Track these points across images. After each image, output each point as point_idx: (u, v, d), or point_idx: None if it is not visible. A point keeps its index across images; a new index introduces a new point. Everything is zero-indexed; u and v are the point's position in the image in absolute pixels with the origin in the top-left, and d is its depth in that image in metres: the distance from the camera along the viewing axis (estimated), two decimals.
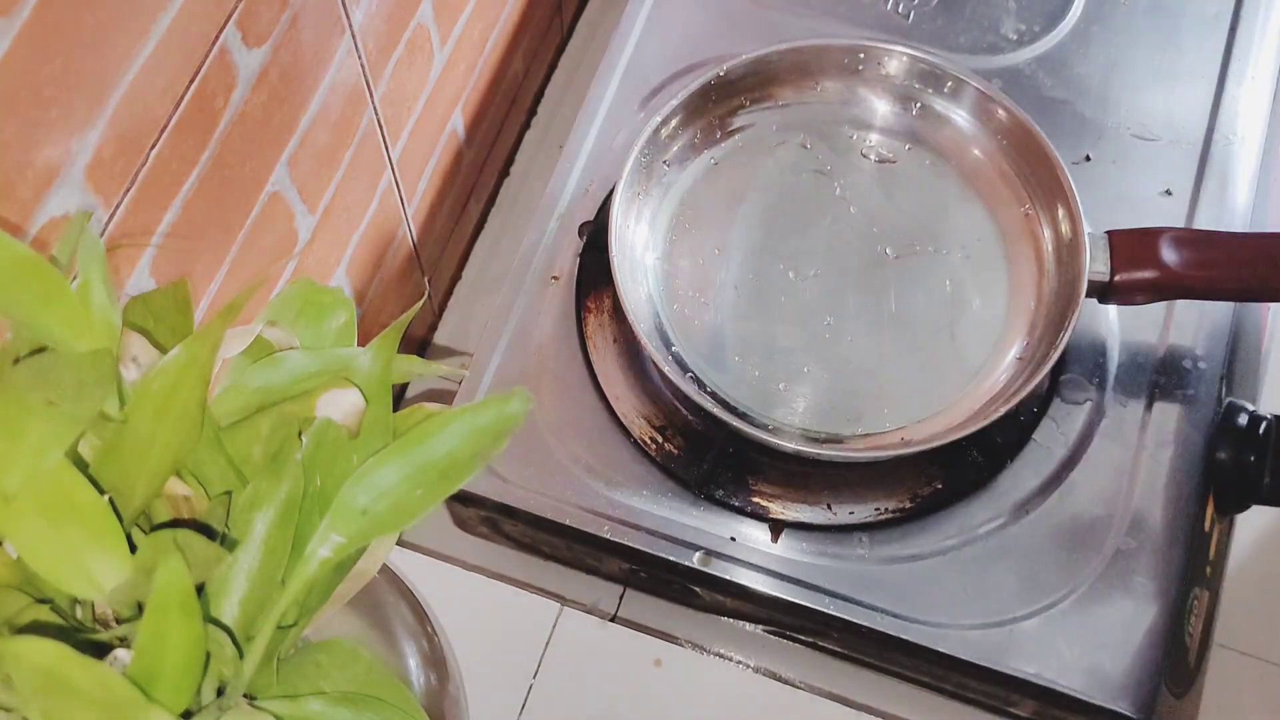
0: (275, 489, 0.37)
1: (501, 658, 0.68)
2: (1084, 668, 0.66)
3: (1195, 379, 0.74)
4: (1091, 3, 0.87)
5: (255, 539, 0.37)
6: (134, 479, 0.35)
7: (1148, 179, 0.81)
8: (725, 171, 0.79)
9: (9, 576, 0.36)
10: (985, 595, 0.68)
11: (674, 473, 0.72)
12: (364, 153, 0.74)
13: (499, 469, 0.72)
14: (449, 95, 0.86)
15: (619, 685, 0.67)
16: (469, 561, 0.74)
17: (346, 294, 0.54)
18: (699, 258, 0.76)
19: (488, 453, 0.37)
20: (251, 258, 0.64)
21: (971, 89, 0.77)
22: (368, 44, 0.70)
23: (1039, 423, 0.73)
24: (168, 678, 0.33)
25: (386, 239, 0.83)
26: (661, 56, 0.85)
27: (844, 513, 0.71)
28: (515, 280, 0.78)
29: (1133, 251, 0.69)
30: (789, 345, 0.73)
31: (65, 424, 0.32)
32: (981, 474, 0.71)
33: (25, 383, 0.33)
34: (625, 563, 0.74)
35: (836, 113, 0.81)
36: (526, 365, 0.75)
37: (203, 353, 0.35)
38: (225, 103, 0.57)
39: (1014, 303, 0.74)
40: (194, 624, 0.33)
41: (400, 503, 0.36)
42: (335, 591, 0.39)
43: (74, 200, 0.49)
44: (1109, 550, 0.69)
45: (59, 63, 0.45)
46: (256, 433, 0.39)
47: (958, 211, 0.77)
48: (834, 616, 0.68)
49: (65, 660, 0.31)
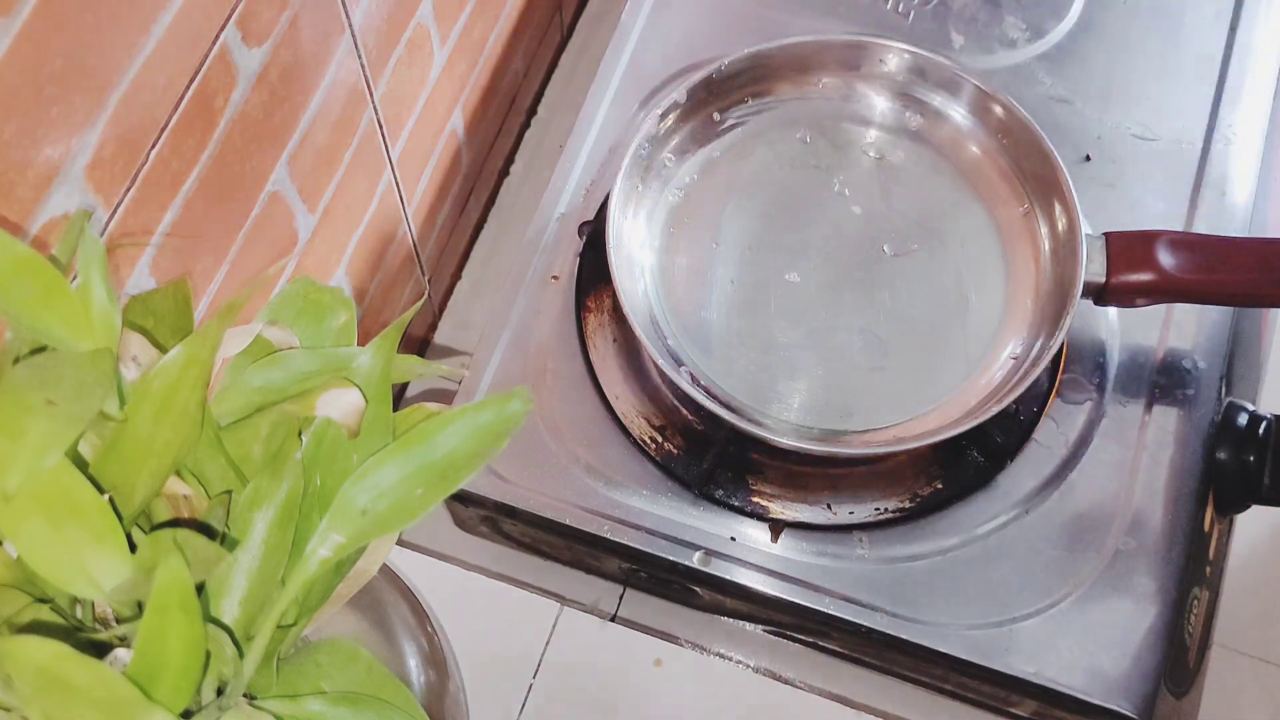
0: (275, 489, 0.37)
1: (501, 658, 0.68)
2: (1084, 668, 0.66)
3: (1195, 379, 0.74)
4: (1091, 3, 0.87)
5: (255, 539, 0.37)
6: (134, 479, 0.35)
7: (1147, 179, 0.80)
8: (724, 167, 0.79)
9: (9, 576, 0.36)
10: (985, 595, 0.68)
11: (674, 472, 0.72)
12: (364, 152, 0.74)
13: (499, 469, 0.72)
14: (449, 95, 0.86)
15: (619, 685, 0.67)
16: (469, 561, 0.74)
17: (346, 294, 0.54)
18: (696, 253, 0.76)
19: (488, 453, 0.37)
20: (251, 258, 0.64)
21: (971, 87, 0.77)
22: (368, 44, 0.70)
23: (1039, 422, 0.73)
24: (168, 678, 0.33)
25: (386, 239, 0.83)
26: (661, 56, 0.85)
27: (844, 513, 0.71)
28: (515, 280, 0.78)
29: (1129, 254, 0.69)
30: (786, 341, 0.73)
31: (65, 424, 0.32)
32: (981, 474, 0.71)
33: (25, 383, 0.33)
34: (625, 563, 0.74)
35: (836, 109, 0.81)
36: (526, 365, 0.75)
37: (203, 353, 0.35)
38: (225, 102, 0.57)
39: (1011, 301, 0.74)
40: (194, 624, 0.33)
41: (400, 503, 0.36)
42: (335, 591, 0.39)
43: (74, 200, 0.49)
44: (1109, 550, 0.69)
45: (59, 63, 0.45)
46: (256, 433, 0.39)
47: (956, 209, 0.77)
48: (834, 616, 0.68)
49: (65, 660, 0.31)
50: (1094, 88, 0.84)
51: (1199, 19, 0.87)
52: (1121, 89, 0.84)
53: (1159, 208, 0.80)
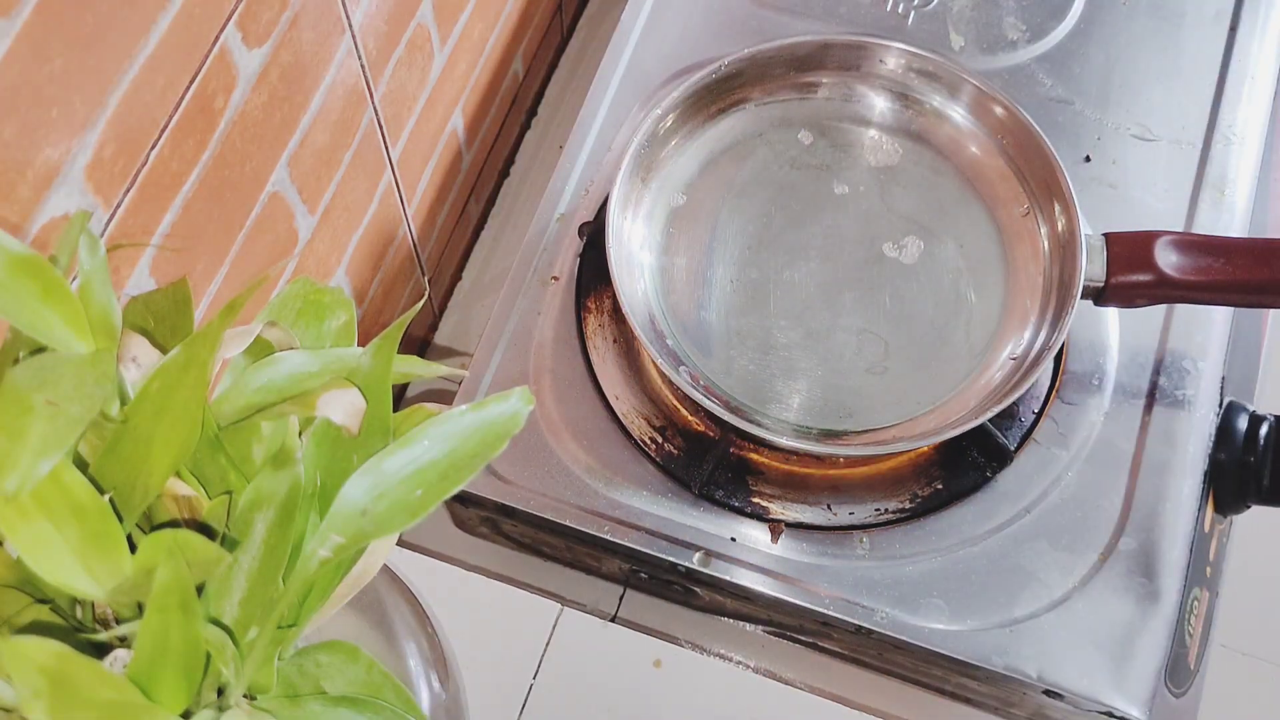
0: (275, 489, 0.37)
1: (501, 658, 0.68)
2: (1084, 668, 0.66)
3: (1195, 379, 0.74)
4: (1091, 3, 0.87)
5: (255, 539, 0.37)
6: (134, 479, 0.35)
7: (1147, 179, 0.81)
8: (723, 167, 0.79)
9: (9, 576, 0.36)
10: (985, 596, 0.68)
11: (674, 473, 0.72)
12: (364, 153, 0.74)
13: (499, 469, 0.72)
14: (449, 95, 0.86)
15: (619, 685, 0.67)
16: (469, 561, 0.74)
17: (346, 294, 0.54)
18: (696, 253, 0.76)
19: (488, 453, 0.37)
20: (251, 258, 0.64)
21: (971, 87, 0.77)
22: (368, 44, 0.70)
23: (1039, 423, 0.73)
24: (168, 678, 0.33)
25: (386, 239, 0.83)
26: (661, 56, 0.85)
27: (844, 513, 0.71)
28: (515, 280, 0.78)
29: (1129, 254, 0.69)
30: (785, 341, 0.73)
31: (65, 424, 0.32)
32: (981, 474, 0.71)
33: (25, 383, 0.33)
34: (625, 563, 0.74)
35: (836, 109, 0.81)
36: (526, 365, 0.75)
37: (203, 353, 0.35)
38: (225, 103, 0.57)
39: (1010, 302, 0.74)
40: (194, 624, 0.33)
41: (400, 503, 0.36)
42: (335, 592, 0.39)
43: (74, 200, 0.49)
44: (1109, 550, 0.69)
45: (59, 63, 0.45)
46: (256, 433, 0.39)
47: (956, 210, 0.77)
48: (834, 617, 0.68)
49: (65, 660, 0.31)
50: (1094, 88, 0.84)
51: (1199, 19, 0.87)
52: (1121, 89, 0.84)
53: (1159, 208, 0.80)
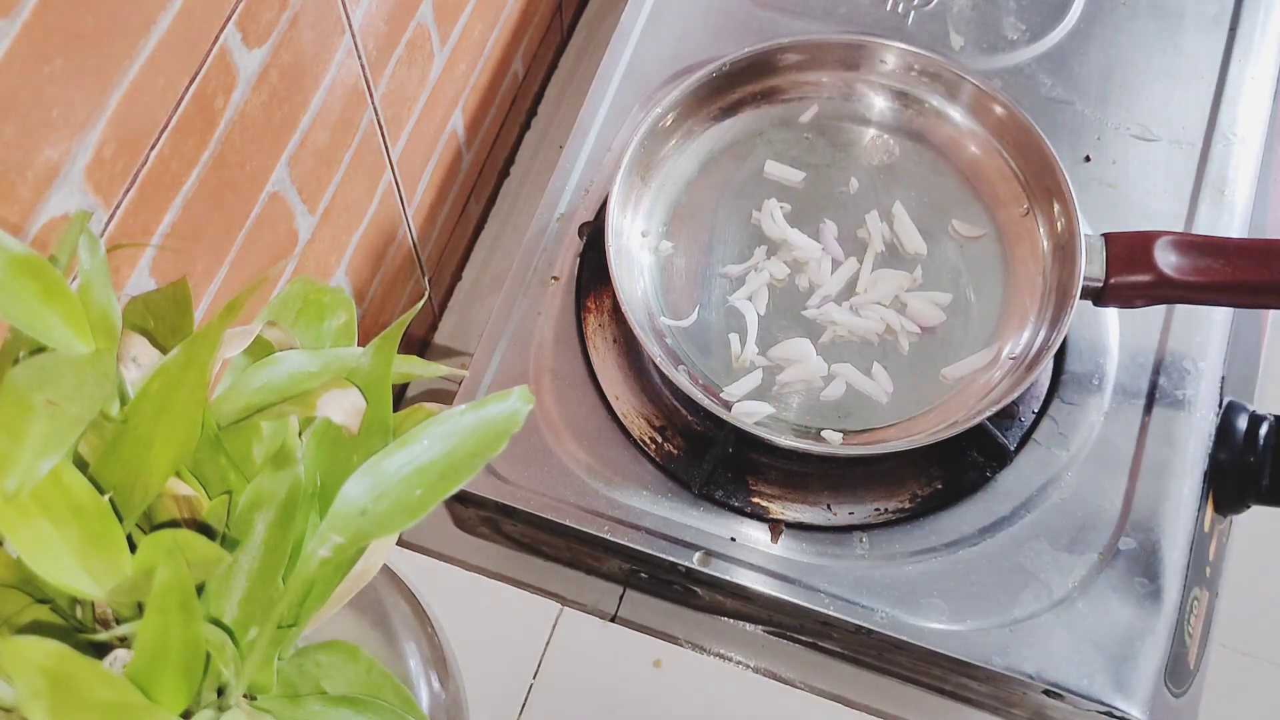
0: (275, 489, 0.37)
1: (501, 658, 0.68)
2: (1084, 668, 0.66)
3: (1195, 379, 0.74)
4: (1091, 3, 0.87)
5: (255, 539, 0.37)
6: (134, 479, 0.35)
7: (1147, 179, 0.81)
8: (723, 166, 0.79)
9: (9, 576, 0.36)
10: (985, 595, 0.68)
11: (674, 473, 0.72)
12: (364, 153, 0.74)
13: (499, 469, 0.72)
14: (449, 95, 0.86)
15: (619, 685, 0.67)
16: (469, 561, 0.74)
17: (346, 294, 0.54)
18: (695, 253, 0.76)
19: (488, 453, 0.37)
20: (251, 258, 0.64)
21: (971, 87, 0.77)
22: (368, 44, 0.70)
23: (1039, 423, 0.73)
24: (168, 678, 0.33)
25: (386, 239, 0.83)
26: (661, 56, 0.85)
27: (843, 513, 0.71)
28: (515, 280, 0.78)
29: (1128, 255, 0.69)
30: (784, 340, 0.73)
31: (65, 424, 0.32)
32: (981, 474, 0.71)
33: (25, 383, 0.33)
34: (625, 563, 0.74)
35: (836, 109, 0.81)
36: (526, 365, 0.75)
37: (203, 353, 0.35)
38: (225, 103, 0.57)
39: (1009, 302, 0.74)
40: (194, 624, 0.33)
41: (400, 503, 0.36)
42: (335, 592, 0.39)
43: (74, 200, 0.49)
44: (1109, 550, 0.69)
45: (59, 63, 0.45)
46: (256, 433, 0.39)
47: (955, 209, 0.77)
48: (834, 617, 0.68)
49: (65, 660, 0.31)
50: (1094, 88, 0.84)
51: (1199, 19, 0.87)
52: (1121, 89, 0.84)
53: (1159, 208, 0.80)
